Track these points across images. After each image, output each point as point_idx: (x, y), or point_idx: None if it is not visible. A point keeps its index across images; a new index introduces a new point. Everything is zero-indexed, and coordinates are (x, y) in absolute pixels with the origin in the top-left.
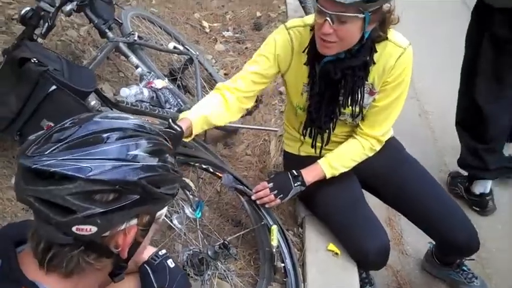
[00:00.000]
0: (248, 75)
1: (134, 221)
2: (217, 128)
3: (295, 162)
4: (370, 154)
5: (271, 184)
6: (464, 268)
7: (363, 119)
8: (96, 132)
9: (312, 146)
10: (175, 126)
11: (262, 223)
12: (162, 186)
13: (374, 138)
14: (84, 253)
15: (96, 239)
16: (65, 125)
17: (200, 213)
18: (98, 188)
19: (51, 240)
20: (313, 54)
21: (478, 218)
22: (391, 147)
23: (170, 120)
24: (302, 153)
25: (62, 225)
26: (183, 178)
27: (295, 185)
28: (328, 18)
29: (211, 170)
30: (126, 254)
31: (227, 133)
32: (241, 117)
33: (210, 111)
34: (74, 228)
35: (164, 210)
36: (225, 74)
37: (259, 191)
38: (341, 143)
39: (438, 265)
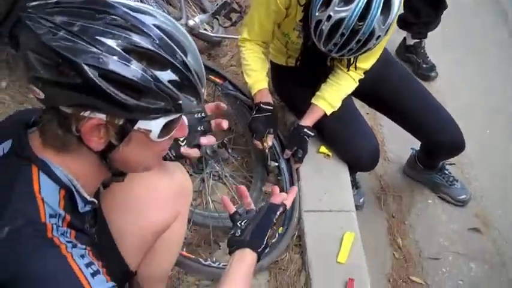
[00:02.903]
0: (266, 26)
1: (101, 115)
2: (200, 38)
3: (283, 73)
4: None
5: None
6: (446, 171)
7: None
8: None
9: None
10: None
11: None
12: (128, 93)
13: (362, 70)
14: (57, 126)
15: (58, 108)
16: None
17: None
18: (48, 54)
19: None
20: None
21: None
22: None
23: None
24: (290, 65)
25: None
26: None
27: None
28: None
29: (211, 77)
30: (98, 147)
31: (211, 45)
32: (225, 27)
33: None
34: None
35: (154, 127)
36: None
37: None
38: None
39: (421, 169)
